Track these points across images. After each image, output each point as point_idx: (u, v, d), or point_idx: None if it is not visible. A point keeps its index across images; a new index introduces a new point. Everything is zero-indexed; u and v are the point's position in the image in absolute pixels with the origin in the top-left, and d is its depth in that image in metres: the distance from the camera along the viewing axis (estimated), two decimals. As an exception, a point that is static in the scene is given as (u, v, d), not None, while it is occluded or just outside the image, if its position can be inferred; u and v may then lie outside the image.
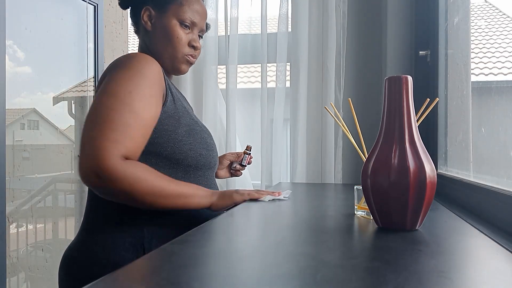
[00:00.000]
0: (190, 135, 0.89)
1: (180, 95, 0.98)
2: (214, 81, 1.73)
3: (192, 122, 0.92)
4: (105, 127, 0.72)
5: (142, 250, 0.81)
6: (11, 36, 1.57)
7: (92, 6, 2.01)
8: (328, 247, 0.54)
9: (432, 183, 0.60)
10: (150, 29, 0.95)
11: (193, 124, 0.92)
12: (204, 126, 0.99)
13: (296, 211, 0.86)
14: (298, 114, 1.59)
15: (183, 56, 0.95)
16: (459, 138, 1.20)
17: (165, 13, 0.94)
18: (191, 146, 0.88)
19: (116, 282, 0.39)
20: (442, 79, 1.28)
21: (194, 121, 0.94)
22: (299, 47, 1.59)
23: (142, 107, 0.77)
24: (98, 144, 0.70)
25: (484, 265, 0.49)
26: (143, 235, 0.82)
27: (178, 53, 0.94)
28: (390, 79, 0.64)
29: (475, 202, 0.86)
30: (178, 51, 0.94)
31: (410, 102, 0.63)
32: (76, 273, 0.82)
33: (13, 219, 1.77)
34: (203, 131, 0.95)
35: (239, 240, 0.60)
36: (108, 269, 0.56)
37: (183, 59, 0.96)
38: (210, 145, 0.95)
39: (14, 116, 1.76)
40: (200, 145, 0.90)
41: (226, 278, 0.41)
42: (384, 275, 0.41)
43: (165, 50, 0.94)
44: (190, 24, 0.96)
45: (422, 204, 0.60)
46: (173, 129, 0.86)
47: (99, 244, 0.81)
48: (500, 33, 1.49)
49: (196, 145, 0.89)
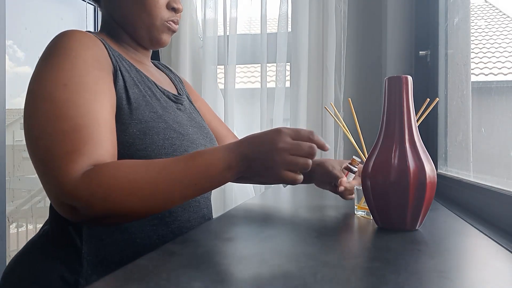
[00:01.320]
0: (146, 135, 0.64)
1: (144, 78, 0.74)
2: (214, 81, 1.73)
3: (153, 116, 0.67)
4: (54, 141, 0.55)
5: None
6: (11, 36, 1.57)
7: (92, 6, 2.01)
8: (328, 247, 0.54)
9: (432, 183, 0.59)
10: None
11: (153, 120, 0.67)
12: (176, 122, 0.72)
13: (296, 211, 0.86)
14: (298, 114, 1.59)
15: (163, 23, 0.75)
16: (459, 138, 1.20)
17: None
18: (146, 152, 0.64)
19: (116, 282, 0.39)
20: (442, 79, 1.28)
21: (158, 115, 0.68)
22: (299, 47, 1.59)
23: (86, 98, 0.58)
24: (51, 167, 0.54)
25: (484, 265, 0.49)
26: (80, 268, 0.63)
27: (156, 20, 0.74)
28: (390, 79, 0.63)
29: (475, 202, 0.86)
30: (156, 17, 0.74)
31: (410, 102, 0.62)
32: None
33: (13, 219, 1.77)
34: (169, 129, 0.68)
35: (239, 240, 0.60)
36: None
37: (163, 26, 0.75)
38: (180, 148, 0.69)
39: (14, 116, 1.76)
40: (162, 150, 0.65)
41: (226, 278, 0.41)
42: (384, 275, 0.41)
43: (138, 19, 0.74)
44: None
45: (422, 204, 0.59)
46: (121, 128, 0.63)
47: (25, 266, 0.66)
48: (500, 33, 1.49)
49: (155, 149, 0.65)
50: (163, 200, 0.57)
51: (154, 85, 0.77)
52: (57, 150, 0.55)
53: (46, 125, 0.56)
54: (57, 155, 0.55)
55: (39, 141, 0.56)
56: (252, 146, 0.58)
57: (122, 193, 0.54)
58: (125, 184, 0.54)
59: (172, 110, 0.75)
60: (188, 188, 0.57)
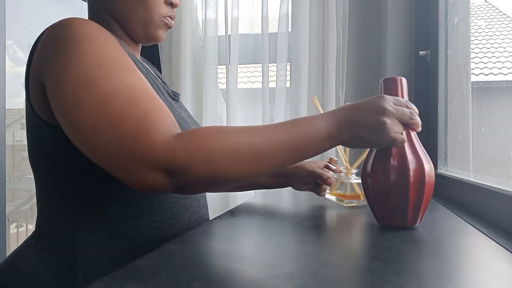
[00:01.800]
0: None
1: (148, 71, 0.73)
2: (214, 81, 1.73)
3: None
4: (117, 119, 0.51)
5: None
6: (11, 36, 1.57)
7: (92, 6, 2.01)
8: (328, 247, 0.54)
9: (431, 182, 0.61)
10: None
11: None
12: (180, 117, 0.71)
13: (297, 210, 0.86)
14: (299, 114, 1.59)
15: (160, 18, 0.72)
16: (459, 138, 1.20)
17: None
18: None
19: (116, 282, 0.39)
20: (442, 79, 1.28)
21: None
22: (299, 47, 1.59)
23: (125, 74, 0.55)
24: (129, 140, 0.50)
25: (484, 265, 0.49)
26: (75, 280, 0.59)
27: (153, 15, 0.71)
28: (386, 80, 0.65)
29: (475, 202, 0.86)
30: (154, 12, 0.70)
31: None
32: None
33: (13, 219, 1.77)
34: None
35: (239, 240, 0.60)
36: None
37: (160, 22, 0.72)
38: None
39: (14, 116, 1.76)
40: None
41: (226, 278, 0.41)
42: (384, 275, 0.41)
43: (134, 12, 0.70)
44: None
45: (421, 201, 0.60)
46: None
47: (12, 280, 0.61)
48: (500, 33, 1.49)
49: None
50: (264, 164, 0.54)
51: (158, 79, 0.75)
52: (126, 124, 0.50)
53: (98, 109, 0.51)
54: (129, 127, 0.50)
55: (98, 127, 0.51)
56: (358, 112, 0.58)
57: (224, 156, 0.51)
58: (228, 147, 0.52)
59: (174, 105, 0.74)
60: (289, 154, 0.55)
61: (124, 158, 0.51)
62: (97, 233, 0.61)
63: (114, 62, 0.55)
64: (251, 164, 0.53)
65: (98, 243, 0.61)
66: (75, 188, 0.61)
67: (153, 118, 0.52)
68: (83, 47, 0.55)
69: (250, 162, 0.53)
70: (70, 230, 0.61)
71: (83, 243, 0.60)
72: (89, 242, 0.60)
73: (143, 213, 0.64)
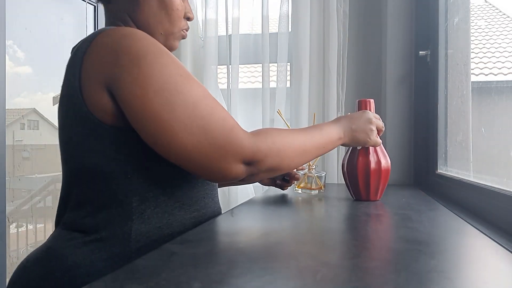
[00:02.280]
0: None
1: None
2: (214, 81, 1.73)
3: None
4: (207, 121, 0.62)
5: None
6: (11, 36, 1.57)
7: (92, 6, 2.01)
8: (328, 247, 0.54)
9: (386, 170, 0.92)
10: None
11: None
12: None
13: (297, 210, 0.86)
14: (300, 114, 1.59)
15: (180, 31, 0.81)
16: (459, 138, 1.20)
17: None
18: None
19: (116, 282, 0.39)
20: (442, 79, 1.28)
21: None
22: (300, 47, 1.59)
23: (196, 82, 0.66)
24: (220, 137, 0.62)
25: (484, 265, 0.49)
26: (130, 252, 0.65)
27: (175, 28, 0.79)
28: (360, 101, 0.97)
29: (475, 202, 0.86)
30: (176, 25, 0.79)
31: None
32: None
33: (13, 219, 1.77)
34: None
35: (240, 240, 0.60)
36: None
37: (179, 34, 0.81)
38: None
39: (14, 116, 1.76)
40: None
41: (226, 278, 0.41)
42: (384, 275, 0.41)
43: (159, 24, 0.77)
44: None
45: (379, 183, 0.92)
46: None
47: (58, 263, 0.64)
48: (500, 33, 1.49)
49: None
50: (306, 158, 0.75)
51: None
52: (215, 125, 0.62)
53: (189, 112, 0.61)
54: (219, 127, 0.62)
55: (190, 127, 0.61)
56: (353, 121, 0.85)
57: (287, 150, 0.70)
58: (289, 144, 0.70)
59: None
60: (320, 150, 0.78)
61: (217, 154, 0.62)
62: (148, 224, 0.67)
63: (187, 72, 0.65)
64: (300, 157, 0.73)
65: (149, 233, 0.67)
66: (132, 185, 0.66)
67: (231, 120, 0.64)
68: (161, 58, 0.63)
69: (300, 155, 0.73)
70: (124, 223, 0.66)
71: (136, 234, 0.66)
72: (142, 233, 0.66)
73: (184, 203, 0.72)
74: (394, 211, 0.83)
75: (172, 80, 0.62)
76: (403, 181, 1.45)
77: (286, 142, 0.70)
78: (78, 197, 0.69)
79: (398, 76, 1.46)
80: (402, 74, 1.46)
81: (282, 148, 0.68)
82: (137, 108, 0.61)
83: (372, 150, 0.91)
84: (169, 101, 0.60)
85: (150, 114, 0.61)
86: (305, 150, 0.74)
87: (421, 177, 1.40)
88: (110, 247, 0.65)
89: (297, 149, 0.72)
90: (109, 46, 0.64)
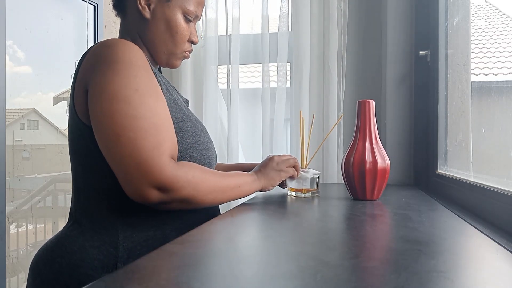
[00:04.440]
0: (179, 133, 0.76)
1: (167, 82, 0.85)
2: (214, 81, 1.73)
3: (182, 116, 0.80)
4: (139, 137, 0.64)
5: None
6: (11, 36, 1.57)
7: (92, 6, 2.01)
8: (328, 247, 0.54)
9: (383, 170, 0.93)
10: (149, 16, 0.81)
11: (183, 120, 0.80)
12: (197, 121, 0.86)
13: (297, 210, 0.86)
14: (299, 114, 1.59)
15: (182, 52, 0.87)
16: (459, 138, 1.20)
17: (169, 1, 0.82)
18: (179, 147, 0.76)
19: (116, 282, 0.39)
20: (442, 79, 1.28)
21: (185, 115, 0.81)
22: (300, 47, 1.59)
23: (155, 102, 0.69)
24: (144, 157, 0.63)
25: (484, 265, 0.49)
26: (117, 253, 0.70)
27: (177, 49, 0.85)
28: (360, 102, 0.99)
29: (475, 202, 0.86)
30: (179, 47, 0.85)
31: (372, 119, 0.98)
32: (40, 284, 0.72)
33: (13, 219, 1.77)
34: (195, 127, 0.82)
35: (239, 240, 0.60)
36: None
37: (181, 55, 0.87)
38: (203, 144, 0.82)
39: (14, 116, 1.76)
40: (191, 145, 0.78)
41: (226, 278, 0.41)
42: (384, 275, 0.41)
43: (163, 44, 0.84)
44: (193, 17, 0.86)
45: (376, 183, 0.93)
46: None
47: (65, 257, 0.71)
48: (500, 33, 1.49)
49: (185, 145, 0.77)
50: (222, 198, 0.77)
51: (175, 89, 0.90)
52: (145, 144, 0.64)
53: (126, 123, 0.64)
54: (147, 148, 0.64)
55: (122, 138, 0.64)
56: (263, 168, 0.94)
57: (206, 188, 0.72)
58: (208, 182, 0.73)
59: (183, 108, 0.86)
60: (235, 188, 0.80)
61: (135, 171, 0.64)
62: (133, 216, 0.73)
63: (147, 89, 0.69)
64: (218, 197, 0.76)
65: (135, 224, 0.73)
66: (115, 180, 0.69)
67: (166, 147, 0.67)
68: (125, 70, 0.68)
69: (218, 195, 0.76)
70: (111, 214, 0.73)
71: (122, 224, 0.72)
72: (128, 223, 0.73)
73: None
74: (394, 211, 0.83)
75: (126, 91, 0.66)
76: (403, 181, 1.45)
77: (204, 177, 0.72)
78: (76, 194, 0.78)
79: (398, 76, 1.46)
80: (402, 74, 1.46)
81: (199, 182, 0.70)
82: (92, 110, 0.68)
83: (368, 149, 0.94)
84: (113, 109, 0.65)
85: (97, 117, 0.67)
86: (221, 188, 0.76)
87: (421, 177, 1.40)
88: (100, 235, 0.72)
89: (212, 185, 0.74)
90: (95, 54, 0.71)
